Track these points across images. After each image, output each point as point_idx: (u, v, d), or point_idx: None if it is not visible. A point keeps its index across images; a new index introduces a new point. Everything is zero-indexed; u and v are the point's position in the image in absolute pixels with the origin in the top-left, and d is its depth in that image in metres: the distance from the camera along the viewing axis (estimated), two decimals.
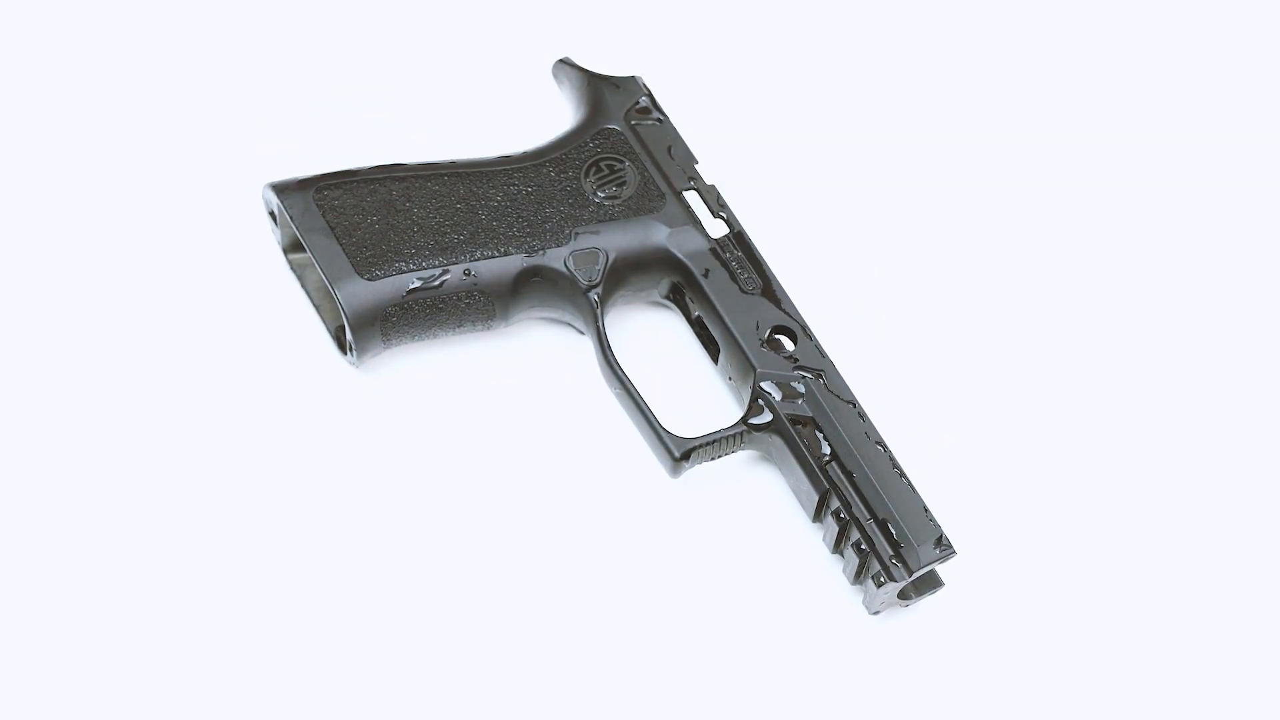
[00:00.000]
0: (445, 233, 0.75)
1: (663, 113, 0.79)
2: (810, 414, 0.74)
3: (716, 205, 0.78)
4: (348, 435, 0.75)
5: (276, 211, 0.75)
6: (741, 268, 0.76)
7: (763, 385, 0.74)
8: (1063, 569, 0.75)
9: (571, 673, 0.71)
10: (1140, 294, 0.82)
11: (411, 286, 0.74)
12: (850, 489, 0.72)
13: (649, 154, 0.78)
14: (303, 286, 0.77)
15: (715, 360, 0.78)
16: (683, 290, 0.78)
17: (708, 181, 0.79)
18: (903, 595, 0.72)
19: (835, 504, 0.72)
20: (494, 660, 0.71)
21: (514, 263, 0.75)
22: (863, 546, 0.71)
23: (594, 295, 0.75)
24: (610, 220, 0.76)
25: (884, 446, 0.73)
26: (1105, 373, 0.80)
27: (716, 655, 0.72)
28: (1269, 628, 0.74)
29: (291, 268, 0.77)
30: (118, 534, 0.72)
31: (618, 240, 0.76)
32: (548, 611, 0.72)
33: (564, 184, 0.77)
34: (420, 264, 0.74)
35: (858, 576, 0.73)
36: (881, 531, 0.71)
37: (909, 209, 0.83)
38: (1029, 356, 0.80)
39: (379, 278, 0.73)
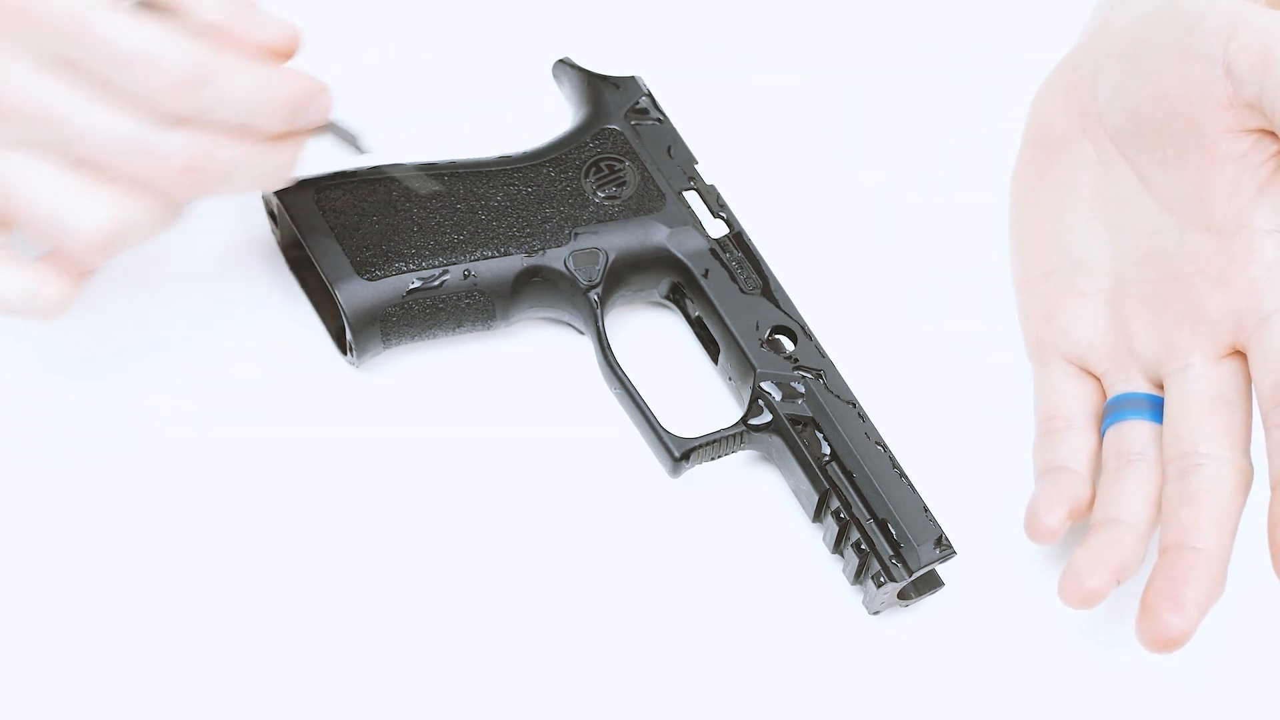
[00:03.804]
0: (445, 233, 0.75)
1: (662, 113, 0.79)
2: (810, 414, 0.74)
3: (716, 205, 0.78)
4: (348, 435, 0.75)
5: (276, 211, 0.75)
6: (741, 268, 0.77)
7: (763, 385, 0.74)
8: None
9: (571, 673, 0.71)
10: None
11: (411, 287, 0.74)
12: (850, 489, 0.72)
13: (649, 154, 0.78)
14: (302, 287, 0.77)
15: (715, 360, 0.78)
16: (683, 290, 0.78)
17: (708, 181, 0.79)
18: (903, 595, 0.72)
19: (835, 504, 0.72)
20: (494, 660, 0.71)
21: (514, 263, 0.75)
22: (863, 546, 0.71)
23: (594, 295, 0.75)
24: (610, 220, 0.77)
25: (884, 447, 0.73)
26: None
27: (716, 655, 0.72)
28: (1268, 626, 0.74)
29: (291, 268, 0.77)
30: (116, 533, 0.72)
31: (618, 240, 0.76)
32: (547, 611, 0.72)
33: (564, 184, 0.77)
34: (420, 264, 0.74)
35: (858, 576, 0.73)
36: (881, 531, 0.71)
37: (909, 209, 0.83)
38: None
39: (379, 278, 0.73)
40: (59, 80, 0.61)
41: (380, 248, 0.74)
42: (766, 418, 0.74)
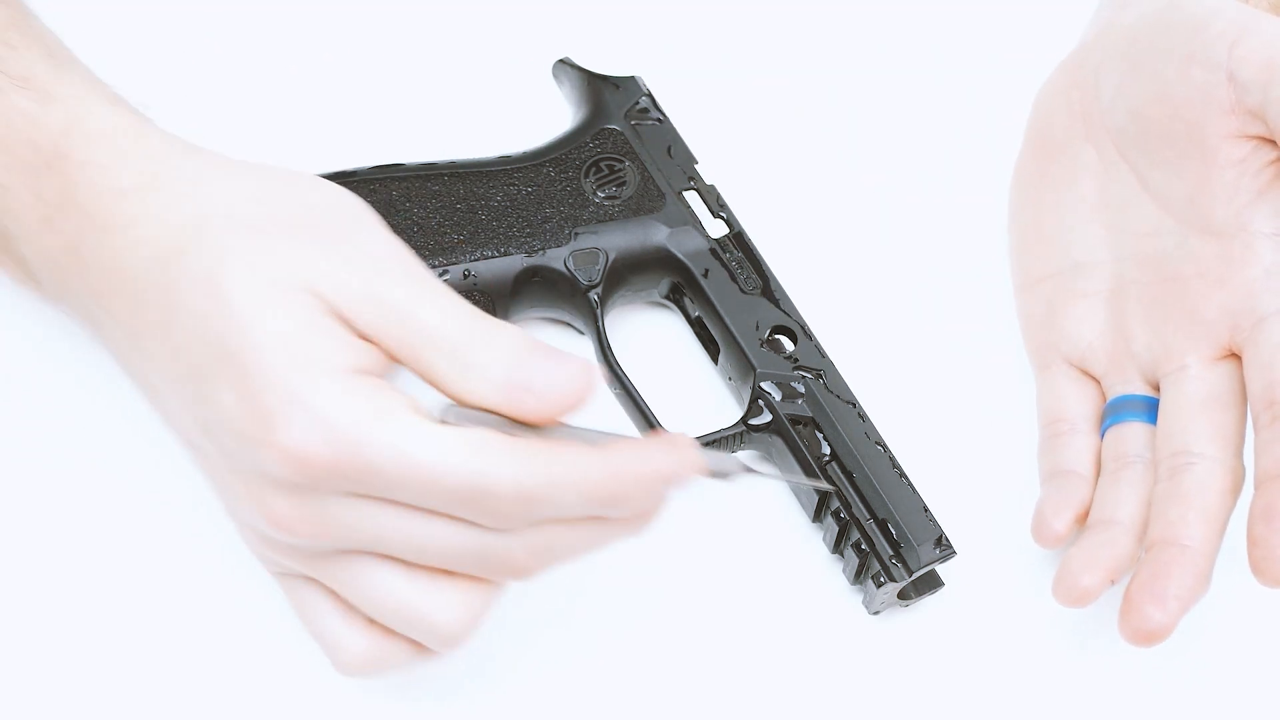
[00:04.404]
0: (445, 233, 0.75)
1: (662, 113, 0.79)
2: (810, 414, 0.74)
3: (716, 205, 0.78)
4: None
5: None
6: (741, 268, 0.77)
7: (763, 385, 0.74)
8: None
9: (571, 672, 0.71)
10: None
11: None
12: (850, 489, 0.72)
13: (649, 154, 0.78)
14: None
15: (715, 360, 0.78)
16: (683, 290, 0.78)
17: (708, 181, 0.79)
18: (903, 595, 0.72)
19: (835, 504, 0.72)
20: (493, 659, 0.71)
21: (514, 263, 0.75)
22: (863, 546, 0.71)
23: (594, 295, 0.75)
24: (610, 220, 0.77)
25: (884, 447, 0.73)
26: None
27: (716, 655, 0.72)
28: (1266, 627, 0.74)
29: None
30: (114, 533, 0.72)
31: (618, 240, 0.76)
32: (547, 611, 0.72)
33: (564, 184, 0.77)
34: None
35: (858, 576, 0.73)
36: (881, 531, 0.71)
37: (909, 209, 0.83)
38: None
39: None
40: (385, 513, 0.56)
41: None
42: (766, 418, 0.74)
